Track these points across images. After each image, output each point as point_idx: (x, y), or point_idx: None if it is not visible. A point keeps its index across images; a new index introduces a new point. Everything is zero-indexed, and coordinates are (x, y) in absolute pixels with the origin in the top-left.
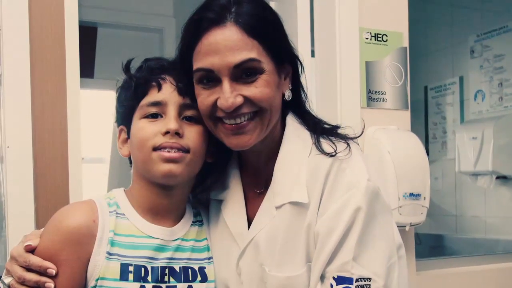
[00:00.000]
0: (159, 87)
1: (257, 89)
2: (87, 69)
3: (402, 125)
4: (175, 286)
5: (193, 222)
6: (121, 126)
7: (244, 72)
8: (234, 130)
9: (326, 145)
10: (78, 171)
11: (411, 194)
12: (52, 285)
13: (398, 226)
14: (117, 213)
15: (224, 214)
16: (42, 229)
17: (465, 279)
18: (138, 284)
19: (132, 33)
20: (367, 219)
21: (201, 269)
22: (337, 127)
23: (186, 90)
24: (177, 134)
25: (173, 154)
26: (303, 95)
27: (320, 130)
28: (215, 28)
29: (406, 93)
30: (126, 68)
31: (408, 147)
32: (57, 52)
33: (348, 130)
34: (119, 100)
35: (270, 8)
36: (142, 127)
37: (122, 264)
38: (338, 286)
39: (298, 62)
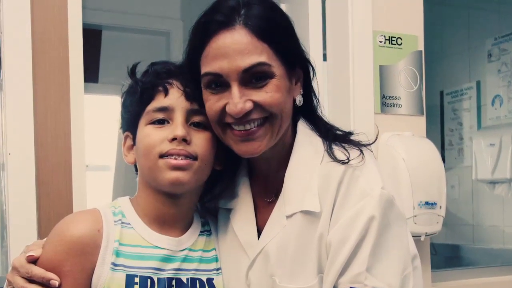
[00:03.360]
0: (166, 92)
1: (267, 94)
2: (91, 74)
3: (417, 131)
4: None
5: (201, 231)
6: (127, 133)
7: (254, 77)
8: (243, 137)
9: (338, 152)
10: (82, 179)
11: (427, 203)
12: None
13: (413, 236)
14: (122, 223)
15: (233, 223)
16: (44, 239)
17: None
18: None
19: (138, 36)
20: (381, 228)
21: (209, 281)
22: (350, 133)
23: (193, 95)
24: (185, 140)
25: (180, 161)
26: (314, 100)
27: (333, 136)
28: (223, 31)
29: (421, 98)
30: (132, 72)
31: (423, 154)
32: (60, 56)
33: (361, 136)
34: (124, 105)
35: (281, 11)
36: (148, 134)
37: (127, 275)
38: None
39: (310, 66)
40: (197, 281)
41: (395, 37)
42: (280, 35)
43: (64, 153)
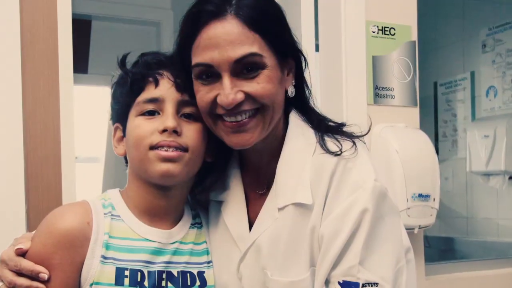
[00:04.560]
0: (156, 83)
1: (259, 85)
2: (80, 64)
3: (410, 123)
4: None
5: (191, 224)
6: (117, 124)
7: (245, 67)
8: (234, 128)
9: (331, 143)
10: (71, 171)
11: (420, 195)
12: None
13: (406, 229)
14: (112, 215)
15: (224, 216)
16: (33, 232)
17: (477, 284)
18: None
19: (128, 26)
20: (374, 221)
21: (200, 274)
22: (343, 124)
23: (184, 86)
24: (175, 132)
25: (171, 153)
26: (307, 92)
27: (325, 128)
28: (214, 21)
29: (415, 89)
30: (122, 63)
31: (416, 145)
32: (49, 46)
33: (354, 128)
34: (114, 96)
35: (272, 0)
36: (138, 125)
37: (117, 268)
38: None
39: (302, 57)
40: (188, 274)
41: (388, 27)
42: (271, 25)
43: (53, 144)
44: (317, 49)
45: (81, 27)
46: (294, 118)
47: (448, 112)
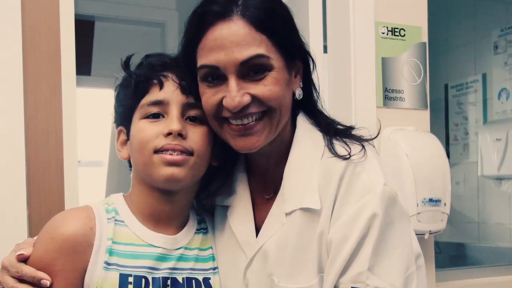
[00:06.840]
0: (161, 85)
1: (266, 87)
2: (83, 66)
3: (421, 126)
4: None
5: (197, 229)
6: (120, 127)
7: (252, 69)
8: (241, 131)
9: (339, 147)
10: (74, 175)
11: (431, 200)
12: None
13: (416, 234)
14: (115, 220)
15: (231, 221)
16: (35, 237)
17: None
18: None
19: (132, 27)
20: (383, 226)
21: (206, 280)
22: (352, 128)
23: (189, 88)
24: (180, 135)
25: (176, 157)
26: (315, 94)
27: (333, 131)
28: (220, 22)
29: (425, 92)
30: (126, 64)
31: (427, 149)
32: (51, 48)
33: (363, 131)
34: (118, 99)
35: (280, 1)
36: (143, 128)
37: (121, 275)
38: None
39: (310, 59)
40: (193, 280)
41: (398, 28)
42: (279, 26)
43: (55, 148)
44: (325, 50)
45: (84, 28)
46: (302, 121)
47: (459, 115)
